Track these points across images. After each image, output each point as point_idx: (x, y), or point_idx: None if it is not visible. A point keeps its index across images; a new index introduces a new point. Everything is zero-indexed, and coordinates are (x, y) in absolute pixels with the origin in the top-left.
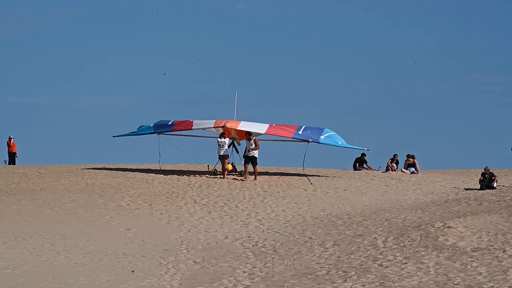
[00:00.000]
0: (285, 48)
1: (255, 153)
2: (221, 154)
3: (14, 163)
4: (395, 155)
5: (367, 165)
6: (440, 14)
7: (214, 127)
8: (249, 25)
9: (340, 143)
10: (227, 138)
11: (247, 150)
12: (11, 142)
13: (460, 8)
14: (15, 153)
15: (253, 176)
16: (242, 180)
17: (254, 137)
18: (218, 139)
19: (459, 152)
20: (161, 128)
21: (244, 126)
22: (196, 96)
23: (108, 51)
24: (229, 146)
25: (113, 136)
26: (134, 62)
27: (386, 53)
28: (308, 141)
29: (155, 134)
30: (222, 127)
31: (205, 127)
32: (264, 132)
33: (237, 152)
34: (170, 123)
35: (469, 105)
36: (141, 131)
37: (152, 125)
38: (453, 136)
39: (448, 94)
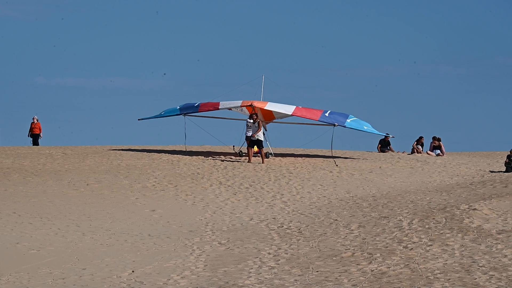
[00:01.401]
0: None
1: (260, 136)
2: (248, 135)
3: (37, 144)
4: (421, 137)
5: (389, 147)
6: (440, 14)
7: (241, 106)
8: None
9: (365, 127)
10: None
11: (251, 132)
12: (34, 123)
13: (460, 7)
14: (38, 134)
15: (260, 159)
16: (255, 162)
17: (259, 119)
18: (248, 120)
19: (485, 134)
20: (187, 109)
21: (271, 106)
22: (222, 80)
23: (108, 51)
24: None
25: (138, 119)
26: (134, 62)
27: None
28: (334, 125)
29: (181, 115)
30: (249, 106)
31: (232, 106)
32: (290, 113)
33: (263, 134)
34: (196, 104)
35: (495, 88)
36: (167, 113)
37: (178, 107)
38: (479, 118)
39: (472, 76)
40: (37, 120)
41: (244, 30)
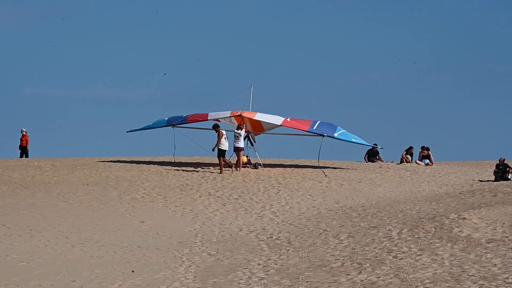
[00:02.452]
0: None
1: (223, 146)
2: (237, 146)
3: (26, 156)
4: (410, 147)
5: (378, 157)
6: (440, 14)
7: (230, 117)
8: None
9: (353, 140)
10: (243, 130)
11: (240, 143)
12: (22, 136)
13: (460, 7)
14: (25, 147)
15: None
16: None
17: (220, 129)
18: (236, 130)
19: (474, 143)
20: (175, 121)
21: (260, 116)
22: (211, 90)
23: (108, 51)
24: (244, 139)
25: (127, 131)
26: (134, 62)
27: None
28: (323, 135)
29: (169, 127)
30: (238, 116)
31: (221, 117)
32: (280, 124)
33: (252, 145)
34: (184, 116)
35: (484, 96)
36: (155, 124)
37: (166, 119)
38: (467, 127)
39: (461, 84)
40: (26, 133)
41: (240, 36)
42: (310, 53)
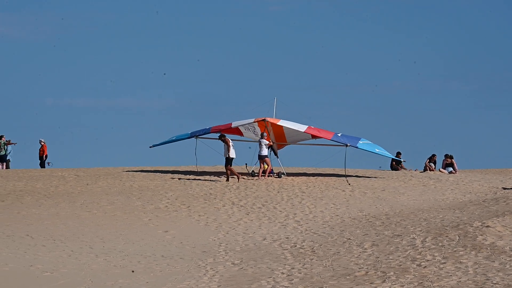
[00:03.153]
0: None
1: (231, 154)
2: (260, 154)
3: (42, 166)
4: (433, 154)
5: (401, 165)
6: (440, 14)
7: (254, 122)
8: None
9: (377, 150)
10: (265, 140)
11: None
12: (41, 146)
13: (460, 8)
14: (41, 157)
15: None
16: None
17: (226, 138)
18: (260, 139)
19: (497, 151)
20: (199, 132)
21: (283, 123)
22: (231, 99)
23: (108, 51)
24: (267, 148)
25: (150, 147)
26: (134, 62)
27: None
28: (347, 145)
29: (192, 138)
30: (262, 120)
31: (245, 124)
32: (303, 131)
33: (276, 156)
34: (208, 127)
35: (505, 104)
36: (178, 137)
37: (190, 132)
38: (491, 135)
39: (483, 92)
40: (44, 143)
41: (241, 36)
42: (312, 57)
